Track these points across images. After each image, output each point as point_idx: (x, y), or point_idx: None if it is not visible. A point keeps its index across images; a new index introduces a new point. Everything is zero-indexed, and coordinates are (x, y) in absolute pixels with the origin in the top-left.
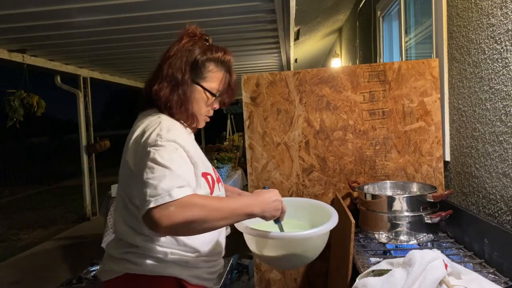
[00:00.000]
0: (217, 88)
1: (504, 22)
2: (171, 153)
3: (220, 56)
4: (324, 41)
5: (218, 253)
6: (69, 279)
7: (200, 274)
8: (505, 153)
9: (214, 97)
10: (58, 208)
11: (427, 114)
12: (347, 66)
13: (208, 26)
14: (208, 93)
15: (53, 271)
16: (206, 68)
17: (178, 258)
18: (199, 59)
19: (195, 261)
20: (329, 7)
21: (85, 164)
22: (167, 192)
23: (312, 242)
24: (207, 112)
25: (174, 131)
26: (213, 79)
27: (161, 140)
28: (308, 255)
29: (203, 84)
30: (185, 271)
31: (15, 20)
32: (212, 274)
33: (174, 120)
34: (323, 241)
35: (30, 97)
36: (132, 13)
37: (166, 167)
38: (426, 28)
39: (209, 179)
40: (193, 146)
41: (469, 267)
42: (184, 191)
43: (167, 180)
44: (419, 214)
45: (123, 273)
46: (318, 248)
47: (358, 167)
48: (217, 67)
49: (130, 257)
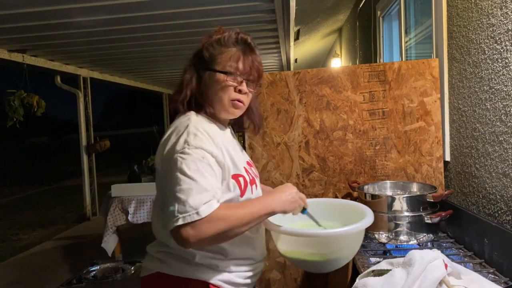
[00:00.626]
0: (230, 65)
1: (504, 22)
2: (198, 163)
3: (227, 36)
4: (324, 41)
5: (251, 257)
6: (69, 279)
7: (232, 279)
8: (505, 153)
9: (229, 75)
10: (58, 208)
11: (427, 114)
12: (347, 66)
13: (208, 26)
14: (221, 73)
15: (53, 271)
16: (214, 50)
17: (208, 261)
18: (204, 45)
19: (225, 265)
20: (329, 7)
21: (85, 164)
22: (195, 210)
23: (346, 240)
24: (233, 96)
25: (202, 135)
26: (223, 59)
27: (188, 148)
28: (342, 255)
29: (214, 67)
30: (214, 275)
31: (15, 20)
32: (248, 278)
33: (204, 120)
34: (358, 240)
35: (30, 97)
36: (132, 13)
37: (192, 179)
38: (426, 28)
39: (241, 181)
40: (225, 146)
41: (469, 267)
42: (211, 206)
43: (194, 194)
44: (419, 214)
45: (155, 271)
46: (352, 248)
47: (358, 167)
48: (224, 46)
49: (163, 257)
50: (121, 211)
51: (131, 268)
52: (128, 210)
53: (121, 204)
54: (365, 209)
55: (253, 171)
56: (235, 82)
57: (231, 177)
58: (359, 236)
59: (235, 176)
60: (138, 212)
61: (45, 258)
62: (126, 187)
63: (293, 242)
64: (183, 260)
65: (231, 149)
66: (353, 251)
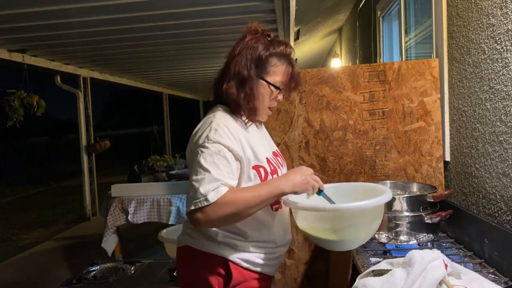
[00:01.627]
0: (281, 81)
1: (504, 22)
2: (214, 156)
3: (282, 50)
4: (324, 41)
5: (272, 240)
6: (69, 279)
7: (251, 259)
8: (505, 153)
9: (278, 90)
10: (58, 208)
11: (427, 114)
12: (347, 66)
13: (208, 26)
14: (272, 87)
15: (53, 271)
16: (269, 63)
17: (228, 241)
18: (263, 55)
19: (245, 245)
20: (329, 7)
21: (85, 164)
22: (204, 197)
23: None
24: (270, 104)
25: (222, 131)
26: (277, 73)
27: (207, 142)
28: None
29: (267, 79)
30: (234, 254)
31: (15, 20)
32: (269, 260)
33: (228, 117)
34: (373, 218)
35: (30, 97)
36: (132, 13)
37: (207, 171)
38: (426, 28)
39: (261, 171)
40: (247, 140)
41: (469, 267)
42: (218, 192)
43: (206, 184)
44: (419, 214)
45: (185, 244)
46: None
47: (358, 167)
48: (279, 60)
49: (191, 232)
50: (121, 211)
51: (131, 268)
52: (128, 210)
53: (121, 204)
54: (385, 189)
55: (277, 161)
56: (279, 95)
57: (252, 167)
58: (373, 213)
59: (255, 167)
60: (138, 212)
61: (45, 258)
62: (126, 187)
63: (308, 218)
64: (207, 237)
65: (254, 142)
66: (367, 231)
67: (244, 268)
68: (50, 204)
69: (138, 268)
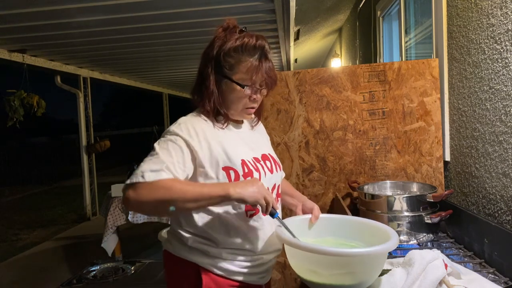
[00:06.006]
0: (249, 78)
1: (504, 22)
2: (168, 143)
3: (246, 42)
4: (324, 41)
5: (248, 248)
6: (69, 279)
7: (226, 266)
8: (505, 153)
9: (245, 88)
10: (58, 208)
11: (427, 114)
12: (347, 66)
13: (208, 26)
14: (235, 84)
15: (53, 271)
16: (231, 58)
17: (199, 246)
18: (222, 50)
19: (217, 252)
20: (329, 7)
21: (85, 164)
22: (141, 174)
23: (366, 261)
24: (245, 104)
25: (184, 127)
26: (241, 69)
27: (168, 133)
28: (361, 278)
29: (231, 76)
30: (206, 260)
31: (15, 20)
32: (251, 268)
33: (199, 118)
34: (379, 264)
35: (30, 97)
36: (132, 13)
37: (156, 154)
38: (426, 28)
39: (231, 173)
40: (219, 141)
41: (469, 267)
42: (158, 175)
43: (150, 163)
44: (419, 214)
45: (164, 248)
46: (372, 271)
47: (358, 167)
48: (243, 55)
49: (170, 236)
50: (121, 211)
51: (131, 268)
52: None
53: (121, 204)
54: (389, 230)
55: (261, 165)
56: (251, 93)
57: (222, 168)
58: (380, 259)
59: (226, 168)
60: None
61: (45, 258)
62: None
63: (299, 256)
64: (180, 242)
65: (228, 143)
66: (372, 276)
67: (218, 275)
68: (50, 204)
69: (138, 268)
